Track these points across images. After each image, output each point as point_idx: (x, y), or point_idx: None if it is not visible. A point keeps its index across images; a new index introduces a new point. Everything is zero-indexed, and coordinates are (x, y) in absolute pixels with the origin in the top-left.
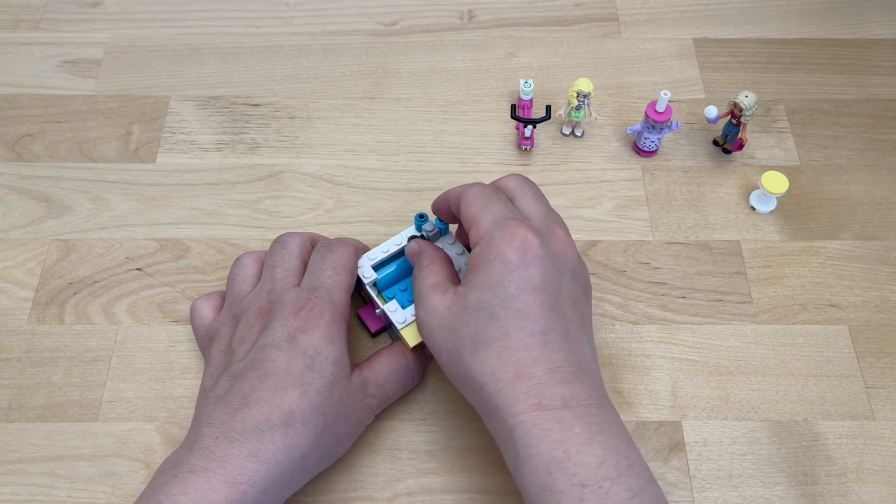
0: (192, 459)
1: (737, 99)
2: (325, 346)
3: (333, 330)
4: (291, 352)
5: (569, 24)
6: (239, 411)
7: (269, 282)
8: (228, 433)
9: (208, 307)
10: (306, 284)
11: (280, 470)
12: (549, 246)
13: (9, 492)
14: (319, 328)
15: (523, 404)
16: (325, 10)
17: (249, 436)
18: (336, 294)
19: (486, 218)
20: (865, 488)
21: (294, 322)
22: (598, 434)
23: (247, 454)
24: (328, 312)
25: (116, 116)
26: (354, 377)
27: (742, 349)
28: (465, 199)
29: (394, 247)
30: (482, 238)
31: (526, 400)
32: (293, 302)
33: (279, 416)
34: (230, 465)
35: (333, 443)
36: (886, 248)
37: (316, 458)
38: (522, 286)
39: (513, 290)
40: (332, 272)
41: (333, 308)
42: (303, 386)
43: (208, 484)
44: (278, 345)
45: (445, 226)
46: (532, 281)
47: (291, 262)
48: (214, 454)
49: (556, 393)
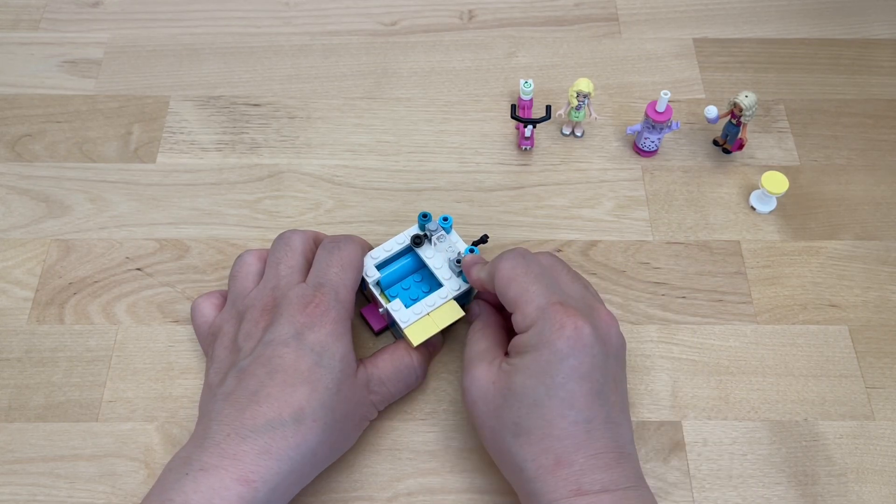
0: (203, 457)
1: (737, 99)
2: (332, 342)
3: (340, 327)
4: (299, 348)
5: (569, 24)
6: (249, 408)
7: (274, 278)
8: (239, 430)
9: (209, 305)
10: (312, 281)
11: (291, 466)
12: (596, 328)
13: (8, 492)
14: (326, 325)
15: (562, 490)
16: (325, 10)
17: (261, 433)
18: (342, 291)
19: (529, 305)
20: (865, 488)
21: (301, 318)
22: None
23: (259, 451)
24: (334, 310)
25: (116, 116)
26: (359, 373)
27: (742, 349)
28: (500, 277)
29: (396, 246)
30: (529, 327)
31: (566, 486)
32: (299, 298)
33: (290, 412)
34: (242, 462)
35: (341, 438)
36: (886, 248)
37: (324, 454)
38: (570, 375)
39: (560, 379)
40: (338, 269)
41: (339, 305)
42: (312, 382)
43: (220, 482)
44: (286, 341)
45: (449, 225)
46: (580, 370)
47: (295, 259)
48: (226, 451)
49: (597, 479)
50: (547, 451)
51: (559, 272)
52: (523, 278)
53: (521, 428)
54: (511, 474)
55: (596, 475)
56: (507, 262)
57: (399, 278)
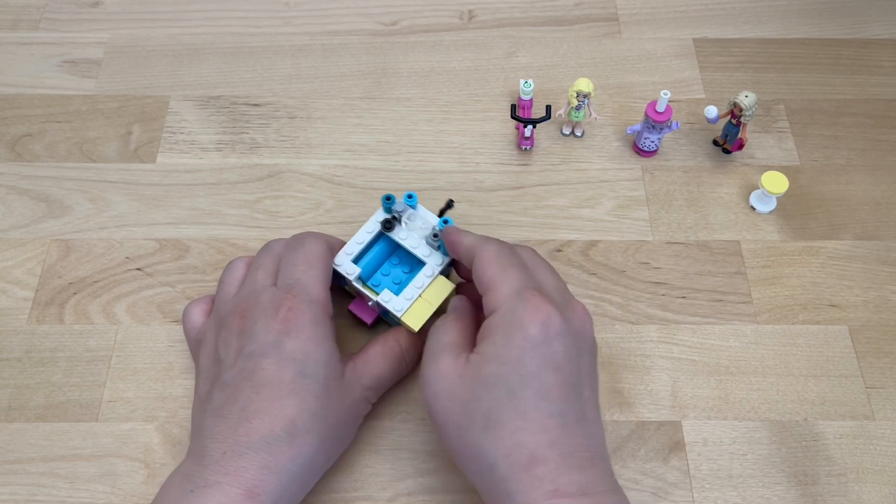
0: (205, 474)
1: (737, 99)
2: (313, 348)
3: (318, 330)
4: (280, 358)
5: (569, 24)
6: (241, 425)
7: (250, 283)
8: (235, 447)
9: (198, 311)
10: (281, 283)
11: (291, 478)
12: (570, 321)
13: (8, 492)
14: (304, 330)
15: (539, 491)
16: (325, 10)
17: (258, 449)
18: (313, 290)
19: (504, 285)
20: (865, 488)
21: (276, 325)
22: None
23: (259, 466)
24: (309, 311)
25: (116, 116)
26: (348, 372)
27: (742, 349)
28: (480, 258)
29: (367, 235)
30: (501, 307)
31: (542, 486)
32: (270, 302)
33: (282, 426)
34: (244, 477)
35: (337, 442)
36: (886, 248)
37: (322, 460)
38: (543, 364)
39: (533, 367)
40: (305, 266)
41: (313, 306)
42: (299, 393)
43: (226, 497)
44: (265, 352)
45: (415, 202)
46: (554, 360)
47: (273, 264)
48: (227, 468)
49: (573, 480)
50: (521, 447)
51: (538, 265)
52: (505, 261)
53: (492, 421)
54: (480, 474)
55: (572, 475)
56: (492, 244)
57: (377, 266)
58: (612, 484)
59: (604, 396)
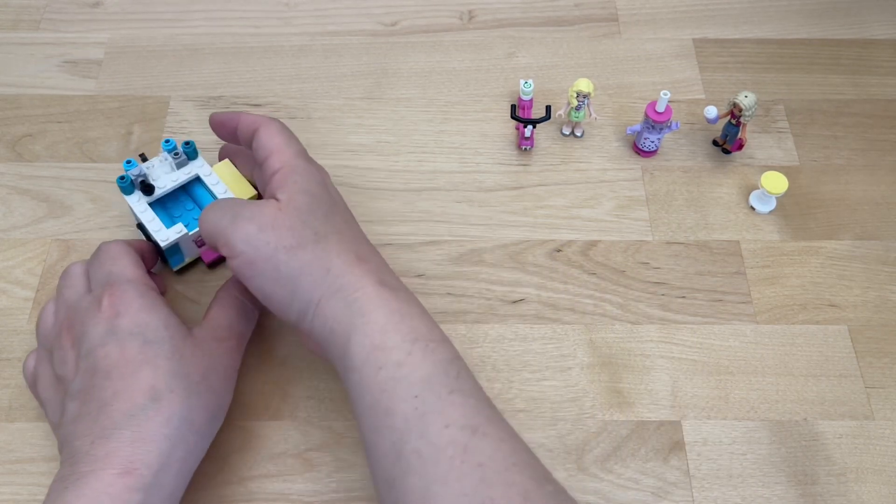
0: (77, 469)
1: (736, 99)
2: (146, 317)
3: (146, 301)
4: (119, 339)
5: (569, 24)
6: (102, 412)
7: (62, 304)
8: (101, 434)
9: (31, 359)
10: (95, 285)
11: (171, 443)
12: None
13: (9, 492)
14: (132, 304)
15: (366, 279)
16: (325, 10)
17: (124, 426)
18: (127, 271)
19: (290, 149)
20: (865, 488)
21: (103, 315)
22: (426, 313)
23: (130, 441)
24: (130, 289)
25: (117, 116)
26: (197, 331)
27: (742, 349)
28: (268, 127)
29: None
30: (288, 163)
31: (369, 277)
32: (92, 302)
33: (143, 396)
34: (117, 456)
35: (212, 396)
36: (886, 248)
37: (202, 418)
38: (339, 198)
39: (336, 197)
40: (110, 263)
41: (134, 284)
42: (150, 361)
43: (101, 481)
44: (103, 341)
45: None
46: (340, 198)
47: (77, 280)
48: (97, 455)
49: (392, 278)
50: (348, 250)
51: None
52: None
53: (321, 234)
54: (311, 284)
55: (390, 275)
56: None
57: (171, 213)
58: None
59: (604, 396)
